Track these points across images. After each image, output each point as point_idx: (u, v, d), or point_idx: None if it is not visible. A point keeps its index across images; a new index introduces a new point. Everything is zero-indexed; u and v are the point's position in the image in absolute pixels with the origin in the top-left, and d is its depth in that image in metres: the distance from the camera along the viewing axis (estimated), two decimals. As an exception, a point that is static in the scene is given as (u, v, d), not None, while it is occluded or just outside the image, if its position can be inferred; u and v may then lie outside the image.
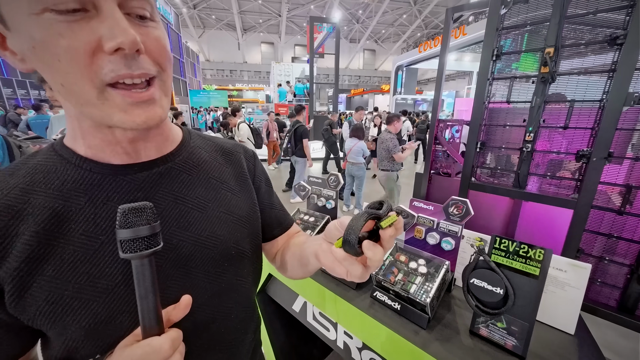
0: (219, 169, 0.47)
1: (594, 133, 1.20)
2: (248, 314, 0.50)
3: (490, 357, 0.63)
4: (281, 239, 0.58)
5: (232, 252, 0.44)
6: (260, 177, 0.55)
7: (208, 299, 0.41)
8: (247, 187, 0.50)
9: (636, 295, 1.19)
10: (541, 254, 0.60)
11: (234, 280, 0.45)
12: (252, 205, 0.50)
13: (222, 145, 0.51)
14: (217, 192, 0.45)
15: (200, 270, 0.40)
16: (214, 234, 0.42)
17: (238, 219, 0.46)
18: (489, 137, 1.51)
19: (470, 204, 0.78)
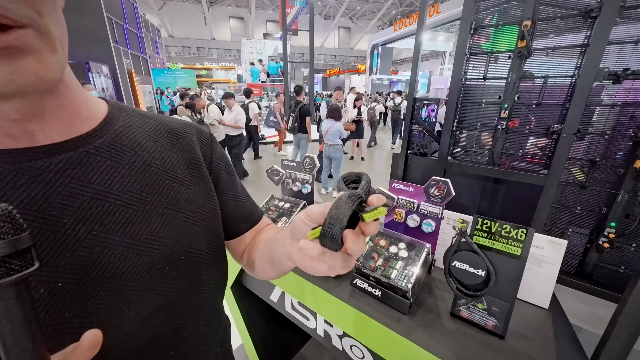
0: (162, 154, 0.37)
1: (565, 110, 1.22)
2: (210, 326, 0.43)
3: (472, 339, 0.62)
4: (249, 235, 0.50)
5: (181, 256, 0.36)
6: (219, 163, 0.46)
7: (148, 318, 0.33)
8: (202, 177, 0.41)
9: (594, 263, 1.28)
10: (523, 234, 0.58)
11: (187, 291, 0.37)
12: (208, 198, 0.41)
13: (167, 125, 0.41)
14: (158, 184, 0.35)
15: (136, 284, 0.32)
16: (154, 236, 0.33)
17: (189, 216, 0.38)
18: (465, 115, 1.50)
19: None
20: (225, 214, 0.46)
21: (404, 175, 2.12)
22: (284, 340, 1.35)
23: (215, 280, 0.43)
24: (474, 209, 1.86)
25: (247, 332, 1.21)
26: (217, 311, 0.45)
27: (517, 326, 0.65)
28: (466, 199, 1.91)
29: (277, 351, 1.32)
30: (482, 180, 1.81)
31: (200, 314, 0.40)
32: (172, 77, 13.96)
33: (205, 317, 0.41)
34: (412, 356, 0.62)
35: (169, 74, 13.93)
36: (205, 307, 0.41)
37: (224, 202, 0.46)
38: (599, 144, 1.19)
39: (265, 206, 1.10)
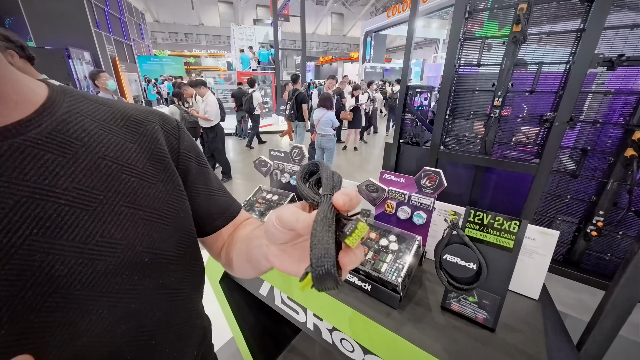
0: (118, 145, 0.33)
1: (558, 98, 1.20)
2: (183, 330, 0.39)
3: (462, 332, 0.61)
4: (226, 231, 0.47)
5: (144, 259, 0.32)
6: (187, 155, 0.41)
7: (108, 328, 0.29)
8: (167, 170, 0.37)
9: (581, 250, 1.30)
10: (516, 226, 0.56)
11: (153, 296, 0.33)
12: (175, 193, 0.37)
13: (123, 112, 0.36)
14: (113, 179, 0.31)
15: (90, 292, 0.28)
16: (109, 238, 0.30)
17: (152, 214, 0.34)
18: (458, 103, 1.47)
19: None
20: (198, 209, 0.42)
21: (397, 165, 2.10)
22: (274, 333, 1.34)
23: (188, 282, 0.39)
24: (464, 199, 1.86)
25: (237, 325, 1.19)
26: (193, 314, 0.41)
27: (507, 318, 0.64)
28: (457, 189, 1.90)
29: (268, 343, 1.31)
30: (473, 170, 1.80)
31: (170, 319, 0.36)
32: (159, 64, 13.47)
33: (177, 322, 0.37)
34: (402, 351, 0.61)
35: (156, 62, 13.43)
36: (178, 312, 0.37)
37: (194, 197, 0.42)
38: (590, 133, 1.18)
39: (253, 198, 1.07)
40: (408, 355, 0.60)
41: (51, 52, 6.12)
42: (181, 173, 0.40)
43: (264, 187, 1.11)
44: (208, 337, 0.50)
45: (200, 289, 0.44)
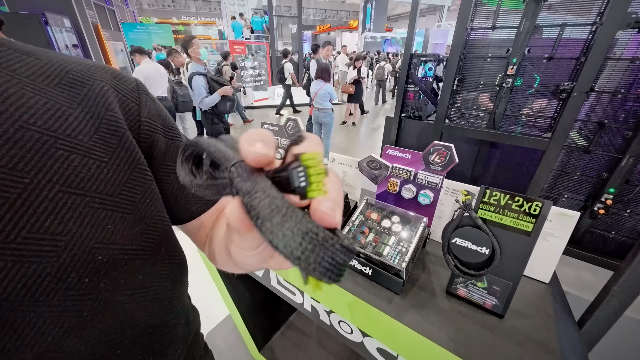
0: (51, 111, 0.25)
1: (579, 65, 1.09)
2: (161, 331, 0.33)
3: (468, 319, 0.58)
4: (208, 219, 0.39)
5: (96, 257, 0.25)
6: (152, 123, 0.33)
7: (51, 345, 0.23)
8: (122, 144, 0.29)
9: (585, 229, 1.27)
10: (537, 208, 0.49)
11: (112, 300, 0.27)
12: (135, 173, 0.29)
13: (60, 67, 0.27)
14: (45, 155, 0.23)
15: (20, 303, 0.22)
16: (44, 233, 0.22)
17: (104, 201, 0.26)
18: (467, 72, 1.36)
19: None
20: (169, 193, 0.35)
21: (397, 140, 2.01)
22: (271, 311, 1.34)
23: (164, 278, 0.33)
24: (466, 176, 1.80)
25: (234, 304, 1.17)
26: (172, 311, 0.36)
27: (516, 303, 0.60)
28: (460, 165, 1.84)
29: (265, 321, 1.31)
30: (477, 146, 1.72)
31: (140, 323, 0.30)
32: (146, 32, 12.62)
33: (151, 324, 0.32)
34: (404, 338, 0.57)
35: (142, 30, 12.56)
36: (151, 312, 0.31)
37: (164, 178, 0.34)
38: (609, 105, 1.09)
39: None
40: (411, 343, 0.56)
41: (26, 17, 5.64)
42: (144, 148, 0.32)
43: (256, 163, 1.03)
44: (194, 329, 0.45)
45: (182, 281, 0.38)
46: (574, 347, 0.65)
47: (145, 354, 0.32)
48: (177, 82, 3.64)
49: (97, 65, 0.30)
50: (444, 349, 0.51)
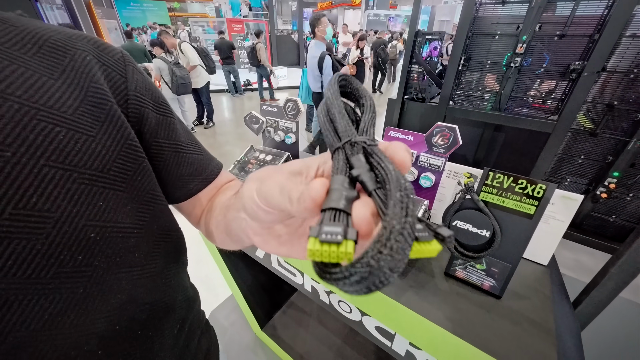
0: (31, 80, 0.23)
1: (591, 43, 1.04)
2: (159, 307, 0.33)
3: (466, 299, 0.58)
4: (205, 196, 0.39)
5: (89, 234, 0.25)
6: (141, 97, 0.31)
7: (47, 323, 0.23)
8: (111, 117, 0.27)
9: (586, 212, 1.27)
10: (541, 190, 0.49)
11: (108, 278, 0.27)
12: (126, 148, 0.28)
13: (38, 35, 0.25)
14: (26, 128, 0.22)
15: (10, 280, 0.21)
16: (31, 210, 0.22)
17: (94, 176, 0.25)
18: (474, 51, 1.30)
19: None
20: (163, 170, 0.34)
21: (399, 123, 1.97)
22: (273, 290, 1.37)
23: (160, 256, 0.33)
24: (469, 159, 1.78)
25: (236, 284, 1.20)
26: (170, 288, 0.36)
27: (514, 284, 0.61)
28: (462, 148, 1.82)
29: (266, 300, 1.35)
30: (482, 128, 1.69)
31: (138, 299, 0.30)
32: (140, 10, 12.17)
33: (148, 301, 0.32)
34: (402, 317, 0.59)
35: (136, 7, 12.10)
36: (148, 290, 0.31)
37: (157, 155, 0.33)
38: (620, 85, 1.05)
39: (245, 158, 0.98)
40: (408, 322, 0.58)
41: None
42: (133, 124, 0.30)
43: (256, 146, 1.01)
44: (195, 307, 0.45)
45: (179, 259, 0.38)
46: (569, 327, 0.67)
47: (144, 329, 0.32)
48: (175, 63, 3.53)
49: (79, 34, 0.28)
50: (441, 328, 0.52)
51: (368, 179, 0.15)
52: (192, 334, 0.44)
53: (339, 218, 0.13)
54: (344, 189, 0.15)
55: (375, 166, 0.15)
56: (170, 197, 0.37)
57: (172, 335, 0.37)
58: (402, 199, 0.13)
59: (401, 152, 0.16)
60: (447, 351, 0.55)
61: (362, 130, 0.18)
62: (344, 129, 0.17)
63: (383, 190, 0.14)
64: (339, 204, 0.14)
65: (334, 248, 0.13)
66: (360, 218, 0.14)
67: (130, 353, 0.31)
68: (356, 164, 0.16)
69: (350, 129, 0.17)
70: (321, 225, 0.13)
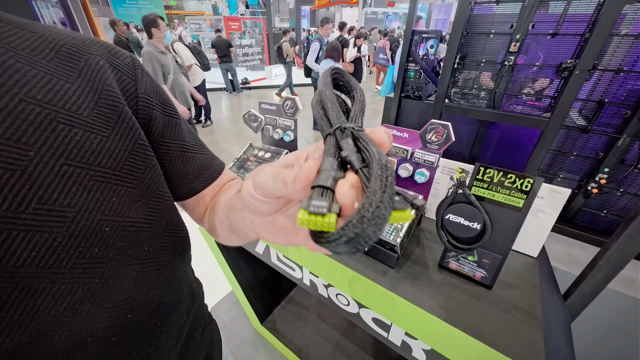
0: (50, 84, 0.25)
1: (583, 41, 1.06)
2: (167, 299, 0.35)
3: (458, 289, 0.61)
4: (208, 193, 0.41)
5: (104, 228, 0.26)
6: (149, 100, 0.33)
7: (68, 309, 0.25)
8: (122, 119, 0.29)
9: (577, 207, 1.30)
10: (529, 184, 0.51)
11: (121, 269, 0.28)
12: (136, 148, 0.30)
13: (54, 40, 0.27)
14: (47, 129, 0.24)
15: (36, 270, 0.23)
16: (52, 205, 0.24)
17: (108, 174, 0.27)
18: (469, 49, 1.32)
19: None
20: (169, 169, 0.36)
21: (396, 120, 1.99)
22: (272, 286, 1.40)
23: (168, 250, 0.35)
24: (465, 155, 1.81)
25: (235, 279, 1.22)
26: (176, 281, 0.38)
27: (505, 275, 0.64)
28: (457, 145, 1.84)
29: (266, 295, 1.37)
30: (476, 126, 1.72)
31: (149, 291, 0.32)
32: (136, 7, 12.03)
33: (157, 292, 0.34)
34: (397, 307, 0.61)
35: (132, 4, 11.96)
36: (156, 282, 0.33)
37: (164, 155, 0.35)
38: (611, 83, 1.08)
39: (244, 156, 1.00)
40: (404, 312, 0.60)
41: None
42: (142, 125, 0.32)
43: (255, 144, 1.03)
44: (198, 299, 0.47)
45: (185, 254, 0.40)
46: (558, 316, 0.70)
47: (153, 318, 0.34)
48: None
49: (92, 40, 0.30)
50: (435, 317, 0.55)
51: (355, 160, 0.17)
52: (196, 326, 0.46)
53: (326, 194, 0.16)
54: (332, 170, 0.17)
55: (362, 148, 0.17)
56: (175, 195, 0.39)
57: (179, 325, 0.39)
58: (382, 174, 0.15)
59: (381, 134, 0.19)
60: (440, 339, 0.57)
61: (352, 118, 0.20)
62: (335, 117, 0.19)
63: (368, 169, 0.16)
64: (327, 183, 0.16)
65: (319, 218, 0.15)
66: (341, 193, 0.15)
67: (140, 341, 0.33)
68: (345, 147, 0.18)
69: (341, 116, 0.19)
70: (310, 199, 0.15)
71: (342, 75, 0.23)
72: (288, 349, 1.26)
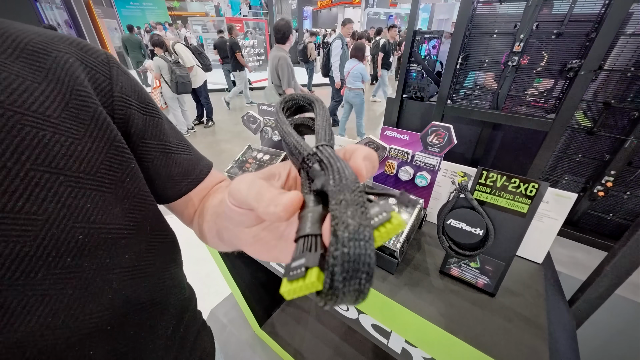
0: (14, 85, 0.23)
1: (588, 41, 1.04)
2: (152, 308, 0.34)
3: (459, 296, 0.59)
4: (196, 195, 0.39)
5: (77, 236, 0.25)
6: (126, 99, 0.31)
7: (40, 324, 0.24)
8: (97, 119, 0.27)
9: (583, 210, 1.27)
10: (534, 189, 0.49)
11: (99, 279, 0.27)
12: (112, 150, 0.28)
13: (19, 39, 0.25)
14: (12, 132, 0.22)
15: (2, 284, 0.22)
16: (18, 213, 0.22)
17: (81, 179, 0.26)
18: (471, 50, 1.30)
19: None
20: (152, 171, 0.34)
21: (398, 122, 1.97)
22: (272, 288, 1.38)
23: (154, 256, 0.33)
24: (467, 158, 1.79)
25: (234, 282, 1.21)
26: (164, 288, 0.36)
27: (508, 282, 0.62)
28: (459, 147, 1.82)
29: (265, 298, 1.36)
30: (480, 127, 1.69)
31: (131, 300, 0.31)
32: (140, 9, 12.14)
33: (141, 301, 0.32)
34: (396, 314, 0.59)
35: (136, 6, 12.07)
36: (141, 290, 0.32)
37: (144, 156, 0.33)
38: (618, 84, 1.05)
39: (243, 158, 0.99)
40: (403, 320, 0.58)
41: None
42: (120, 125, 0.31)
43: (254, 145, 1.02)
44: (191, 307, 0.46)
45: (173, 259, 0.38)
46: (563, 324, 0.68)
47: (137, 330, 0.33)
48: (174, 62, 3.53)
49: (61, 37, 0.28)
50: (435, 325, 0.53)
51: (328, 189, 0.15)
52: (188, 335, 0.44)
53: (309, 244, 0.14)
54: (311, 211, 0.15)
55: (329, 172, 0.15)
56: (161, 197, 0.37)
57: (166, 335, 0.38)
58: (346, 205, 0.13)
59: (357, 160, 0.17)
60: (441, 348, 0.55)
61: (321, 137, 0.18)
62: (295, 149, 0.18)
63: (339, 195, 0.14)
64: (306, 230, 0.14)
65: (300, 283, 0.12)
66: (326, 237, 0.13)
67: (123, 353, 0.31)
68: (316, 176, 0.16)
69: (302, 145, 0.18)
70: (290, 263, 0.13)
71: (296, 97, 0.22)
72: (287, 352, 1.25)
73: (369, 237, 0.12)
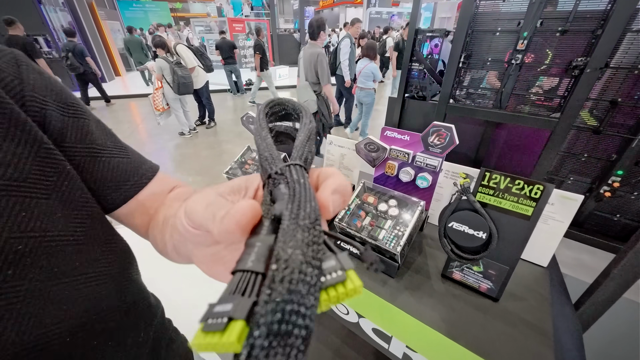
0: None
1: (594, 39, 1.02)
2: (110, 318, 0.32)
3: (462, 301, 0.58)
4: (147, 202, 0.36)
5: (15, 247, 0.23)
6: (41, 100, 0.28)
7: None
8: (15, 122, 0.25)
9: (589, 211, 1.25)
10: (539, 191, 0.47)
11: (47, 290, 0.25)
12: (41, 153, 0.26)
13: None
14: None
15: None
16: None
17: (11, 186, 0.24)
18: (474, 48, 1.28)
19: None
20: (82, 176, 0.31)
21: (400, 122, 1.96)
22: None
23: (107, 262, 0.31)
24: (470, 158, 1.77)
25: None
26: (122, 296, 0.34)
27: (513, 286, 0.60)
28: (461, 147, 1.79)
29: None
30: (483, 126, 1.67)
31: (89, 309, 0.29)
32: (143, 11, 12.22)
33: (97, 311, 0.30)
34: (397, 319, 0.58)
35: (139, 8, 12.15)
36: (95, 299, 0.30)
37: (70, 160, 0.30)
38: (624, 82, 1.03)
39: (242, 159, 0.98)
40: (403, 324, 0.57)
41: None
42: (41, 124, 0.28)
43: (253, 146, 1.01)
44: (158, 314, 0.43)
45: (127, 267, 0.36)
46: (569, 329, 0.66)
47: (103, 339, 0.31)
48: (176, 63, 3.54)
49: None
50: (436, 331, 0.52)
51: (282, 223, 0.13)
52: (158, 345, 0.42)
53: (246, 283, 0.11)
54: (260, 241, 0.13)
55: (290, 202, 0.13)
56: (104, 205, 0.34)
57: (136, 344, 0.36)
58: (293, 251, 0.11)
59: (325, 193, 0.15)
60: (443, 355, 0.54)
61: (296, 155, 0.16)
62: (265, 160, 0.16)
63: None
64: (247, 264, 0.12)
65: (217, 338, 0.10)
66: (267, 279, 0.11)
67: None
68: (278, 198, 0.14)
69: (273, 159, 0.16)
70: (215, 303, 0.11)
71: (285, 103, 0.20)
72: (288, 355, 1.24)
73: (311, 303, 0.10)
